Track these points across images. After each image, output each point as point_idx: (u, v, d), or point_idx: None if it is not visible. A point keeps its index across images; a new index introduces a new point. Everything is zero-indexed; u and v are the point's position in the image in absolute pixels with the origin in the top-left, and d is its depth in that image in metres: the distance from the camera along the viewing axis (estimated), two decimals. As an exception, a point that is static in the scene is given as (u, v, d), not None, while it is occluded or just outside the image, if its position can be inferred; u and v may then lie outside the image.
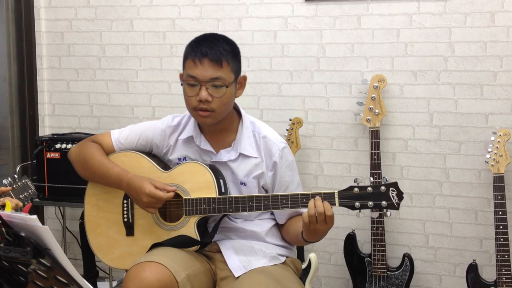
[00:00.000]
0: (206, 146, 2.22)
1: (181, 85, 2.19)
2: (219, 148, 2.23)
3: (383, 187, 1.97)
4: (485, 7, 2.98)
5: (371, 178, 2.03)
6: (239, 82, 2.20)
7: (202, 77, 2.10)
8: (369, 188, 1.98)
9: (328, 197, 2.00)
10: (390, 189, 1.97)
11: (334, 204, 1.99)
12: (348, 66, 3.19)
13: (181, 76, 2.20)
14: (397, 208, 1.98)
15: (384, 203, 1.97)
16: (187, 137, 2.25)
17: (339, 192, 2.00)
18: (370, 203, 1.98)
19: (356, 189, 1.99)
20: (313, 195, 2.01)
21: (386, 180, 1.99)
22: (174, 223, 2.16)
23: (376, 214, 2.03)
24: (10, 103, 3.65)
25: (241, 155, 2.20)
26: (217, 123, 2.18)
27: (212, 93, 2.10)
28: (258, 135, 2.23)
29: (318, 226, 1.99)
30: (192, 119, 2.25)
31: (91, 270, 3.14)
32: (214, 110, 2.11)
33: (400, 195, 1.98)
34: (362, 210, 2.00)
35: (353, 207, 1.99)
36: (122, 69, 3.56)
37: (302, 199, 2.02)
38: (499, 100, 3.00)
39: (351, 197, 1.99)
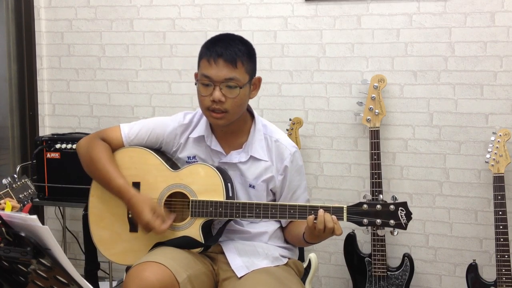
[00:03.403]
0: (217, 147, 2.21)
1: (195, 84, 2.17)
2: (229, 149, 2.21)
3: (392, 206, 1.96)
4: (485, 7, 2.98)
5: (381, 196, 2.02)
6: (254, 83, 2.18)
7: (216, 77, 2.08)
8: (378, 206, 1.96)
9: (336, 211, 1.98)
10: (399, 208, 1.96)
11: (342, 219, 1.98)
12: (348, 66, 3.19)
13: (195, 75, 2.18)
14: (405, 228, 1.96)
15: (392, 222, 1.96)
16: (198, 136, 2.23)
17: (348, 208, 1.98)
18: (378, 221, 1.96)
19: (365, 206, 1.97)
20: (322, 209, 1.99)
21: (396, 198, 1.97)
22: (179, 223, 2.15)
23: (383, 232, 2.03)
24: (10, 103, 3.65)
25: (252, 157, 2.19)
26: (230, 124, 2.16)
27: (225, 93, 2.08)
28: (270, 138, 2.21)
29: (324, 235, 2.00)
30: (204, 118, 2.23)
31: (93, 263, 3.14)
32: (227, 110, 2.10)
33: (408, 215, 1.96)
34: (368, 227, 2.00)
35: (361, 224, 1.98)
36: (122, 69, 3.56)
37: (310, 211, 2.01)
38: (499, 100, 3.01)
39: (359, 213, 1.97)
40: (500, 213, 2.78)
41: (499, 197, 2.79)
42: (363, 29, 3.15)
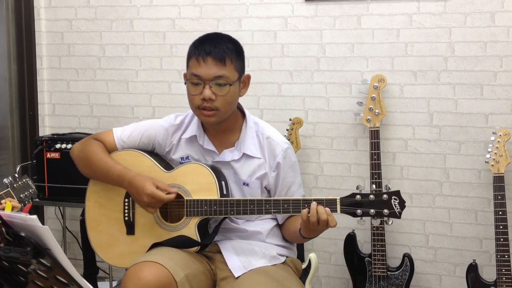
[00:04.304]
0: (209, 146, 2.22)
1: (185, 84, 2.17)
2: (222, 148, 2.22)
3: (385, 195, 1.96)
4: (485, 7, 2.98)
5: (374, 186, 2.02)
6: (243, 81, 2.19)
7: (205, 76, 2.09)
8: (371, 196, 1.96)
9: (330, 203, 1.98)
10: (393, 197, 1.96)
11: (336, 211, 1.98)
12: (348, 66, 3.19)
13: (185, 75, 2.19)
14: (399, 217, 1.96)
15: (386, 211, 1.96)
16: (190, 136, 2.24)
17: (341, 199, 1.99)
18: (372, 211, 1.96)
19: (358, 197, 1.98)
20: (316, 201, 1.99)
21: (389, 188, 1.98)
22: (175, 223, 2.16)
23: (377, 222, 2.03)
24: (10, 103, 3.65)
25: (245, 155, 2.19)
26: (221, 122, 2.17)
27: (215, 91, 2.09)
28: (262, 135, 2.22)
29: (319, 227, 2.00)
30: (196, 118, 2.24)
31: (92, 267, 3.14)
32: (218, 108, 2.11)
33: (402, 204, 1.96)
34: (363, 218, 1.99)
35: (354, 215, 1.98)
36: (122, 69, 3.56)
37: (303, 205, 2.01)
38: (499, 100, 3.01)
39: (353, 205, 1.98)
40: (500, 213, 2.78)
41: (499, 197, 2.79)
42: (363, 29, 3.15)
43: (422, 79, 3.09)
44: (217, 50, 2.09)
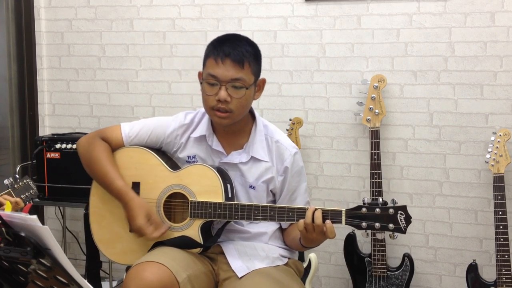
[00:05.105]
0: (218, 147, 2.21)
1: (200, 83, 2.16)
2: (230, 150, 2.21)
3: (391, 210, 1.92)
4: (485, 7, 2.98)
5: (380, 199, 1.99)
6: (258, 84, 2.18)
7: (223, 77, 2.07)
8: (377, 210, 1.93)
9: (335, 215, 1.96)
10: (399, 212, 1.92)
11: (341, 223, 1.96)
12: (348, 66, 3.19)
13: (200, 74, 2.17)
14: (404, 232, 1.93)
15: (391, 226, 1.92)
16: (199, 136, 2.23)
17: (347, 211, 1.95)
18: (377, 224, 1.93)
19: (364, 209, 1.94)
20: (321, 211, 1.96)
21: (395, 202, 1.94)
22: (179, 223, 2.15)
23: (382, 236, 1.99)
24: (10, 103, 3.65)
25: (253, 158, 2.18)
26: (232, 124, 2.16)
27: (231, 93, 2.08)
28: (271, 139, 2.21)
29: (316, 235, 1.98)
30: (206, 118, 2.23)
31: (95, 261, 3.13)
32: (232, 111, 2.09)
33: (408, 219, 1.92)
34: (367, 230, 1.98)
35: (359, 227, 1.95)
36: (122, 69, 3.56)
37: None
38: (499, 100, 3.01)
39: (358, 217, 1.94)
40: (500, 213, 2.78)
41: (499, 197, 2.79)
42: (363, 29, 3.15)
43: (422, 79, 3.09)
44: (237, 52, 2.07)
